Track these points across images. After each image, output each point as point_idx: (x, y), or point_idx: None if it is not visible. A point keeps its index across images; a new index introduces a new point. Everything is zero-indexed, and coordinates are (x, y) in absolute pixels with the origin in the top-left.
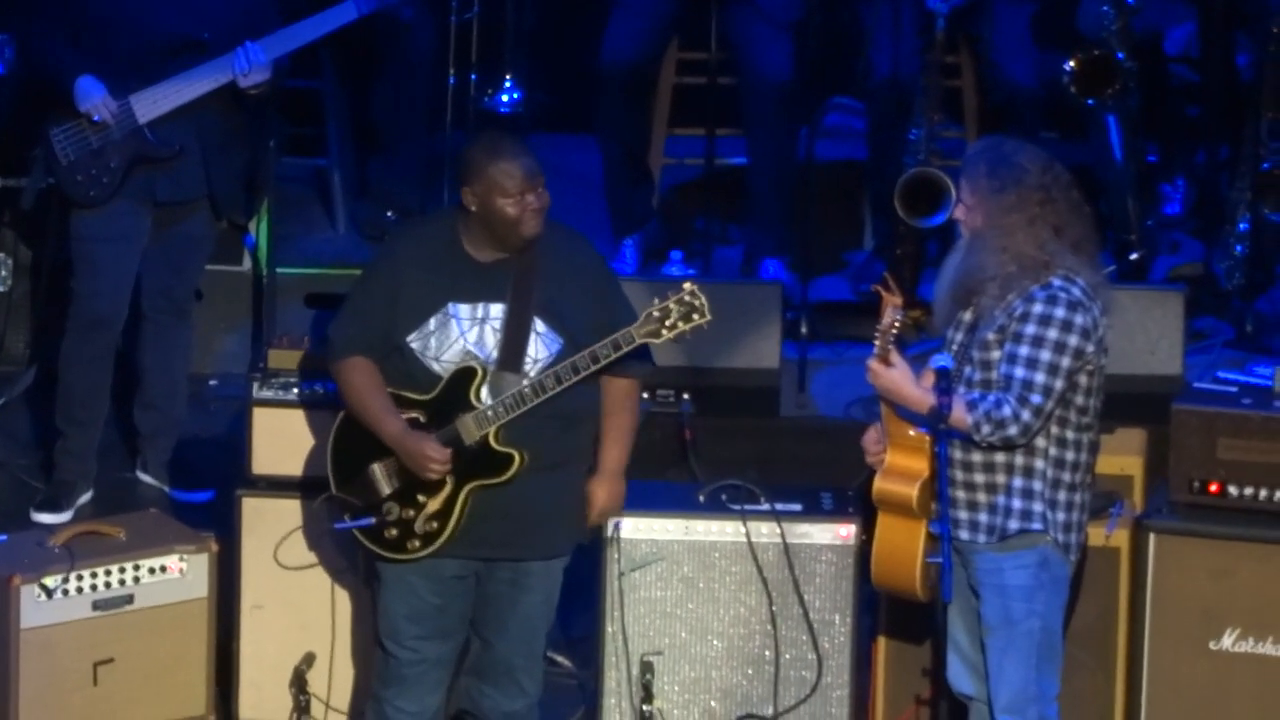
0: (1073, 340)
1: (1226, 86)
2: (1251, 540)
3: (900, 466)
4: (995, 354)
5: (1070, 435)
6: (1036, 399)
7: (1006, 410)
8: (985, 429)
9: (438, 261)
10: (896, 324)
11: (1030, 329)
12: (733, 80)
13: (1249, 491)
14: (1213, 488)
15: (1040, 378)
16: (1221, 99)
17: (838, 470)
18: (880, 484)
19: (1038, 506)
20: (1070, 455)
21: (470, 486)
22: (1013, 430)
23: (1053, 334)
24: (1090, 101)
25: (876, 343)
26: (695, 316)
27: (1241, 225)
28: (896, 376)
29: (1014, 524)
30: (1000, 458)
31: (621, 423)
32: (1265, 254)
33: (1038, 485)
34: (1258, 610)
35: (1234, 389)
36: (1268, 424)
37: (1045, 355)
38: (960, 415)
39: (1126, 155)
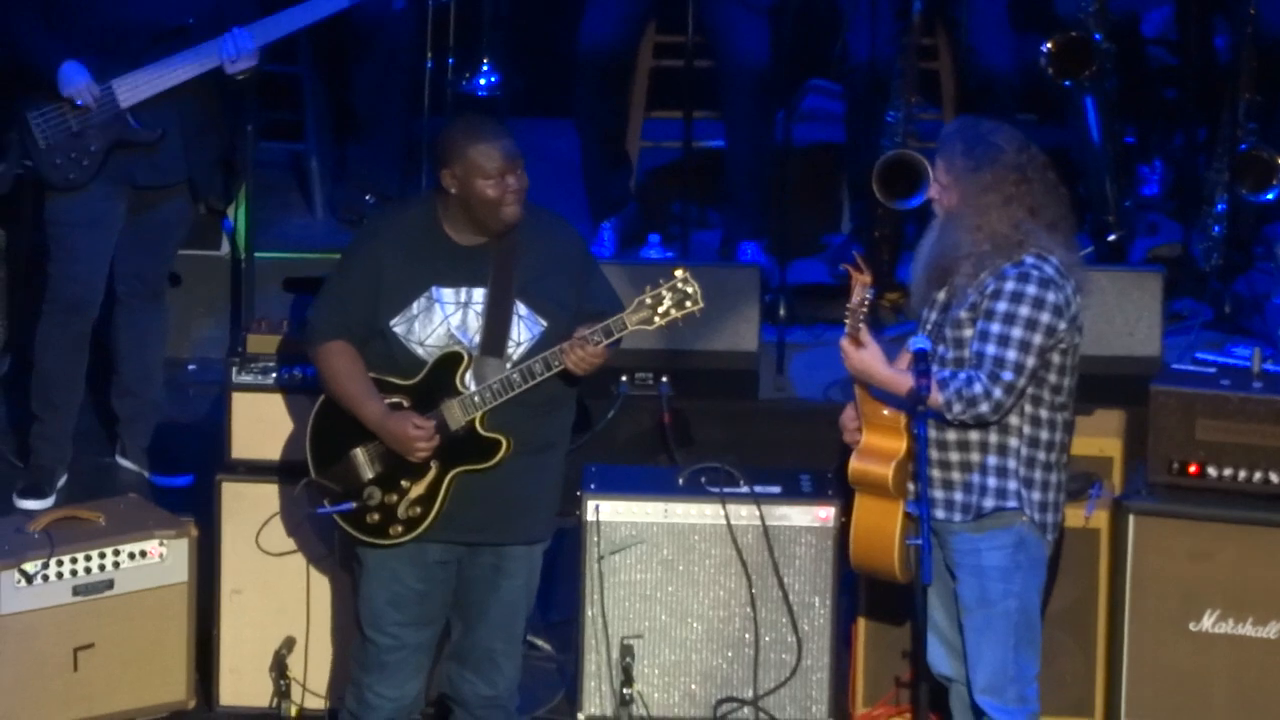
0: (1044, 317)
1: (1204, 68)
2: (1231, 521)
3: (875, 446)
4: (968, 332)
5: (1045, 414)
6: (1008, 376)
7: (978, 388)
8: (957, 407)
9: (419, 245)
10: (866, 303)
11: (1002, 306)
12: (710, 63)
13: (1228, 473)
14: (1192, 469)
15: (1012, 354)
16: (1199, 81)
17: (816, 452)
18: (856, 464)
19: (1012, 485)
20: (1045, 434)
21: (455, 472)
22: (984, 407)
23: (1024, 311)
24: (1067, 83)
25: (847, 322)
26: (688, 304)
27: (1219, 206)
28: (867, 357)
29: (989, 502)
30: (974, 436)
31: None
32: (1243, 235)
33: (1012, 463)
34: (1237, 591)
35: (1212, 370)
36: (1246, 405)
37: (1017, 332)
38: (932, 393)
39: (1104, 137)
